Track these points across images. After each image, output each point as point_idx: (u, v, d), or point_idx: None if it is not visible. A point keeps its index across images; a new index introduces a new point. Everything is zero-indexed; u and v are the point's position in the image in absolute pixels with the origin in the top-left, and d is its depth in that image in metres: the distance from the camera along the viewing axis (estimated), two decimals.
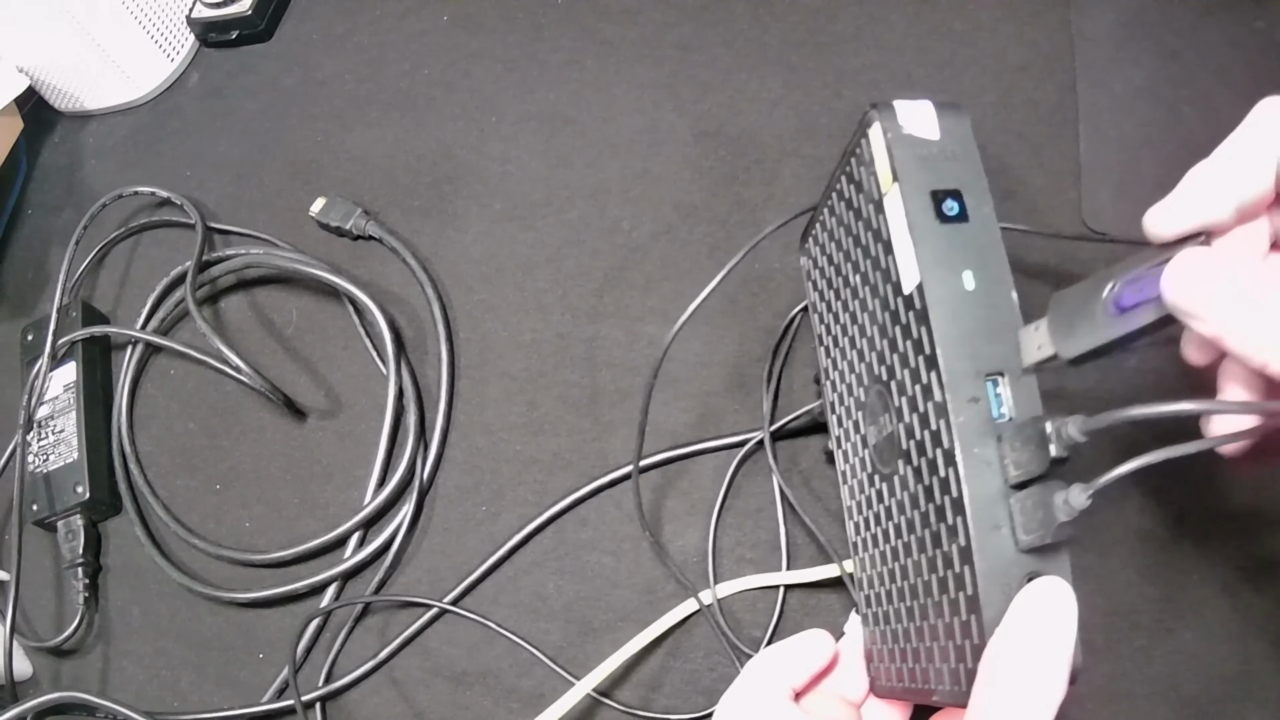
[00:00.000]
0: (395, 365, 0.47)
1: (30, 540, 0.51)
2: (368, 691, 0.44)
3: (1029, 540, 0.23)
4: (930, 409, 0.25)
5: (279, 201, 0.56)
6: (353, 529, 0.46)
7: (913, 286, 0.26)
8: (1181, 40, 0.43)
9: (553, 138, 0.52)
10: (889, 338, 0.28)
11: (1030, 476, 0.23)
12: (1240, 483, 0.35)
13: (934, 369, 0.25)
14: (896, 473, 0.28)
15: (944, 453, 0.25)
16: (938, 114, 0.27)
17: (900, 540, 0.28)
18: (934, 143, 0.27)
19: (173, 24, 0.64)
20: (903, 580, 0.28)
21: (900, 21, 0.48)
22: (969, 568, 0.24)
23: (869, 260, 0.29)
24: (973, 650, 0.24)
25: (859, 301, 0.30)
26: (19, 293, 0.62)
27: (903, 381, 0.27)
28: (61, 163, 0.66)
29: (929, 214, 0.26)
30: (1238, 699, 0.33)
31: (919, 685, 0.28)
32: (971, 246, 0.26)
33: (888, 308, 0.27)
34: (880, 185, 0.27)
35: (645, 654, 0.40)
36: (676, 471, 0.43)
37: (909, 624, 0.28)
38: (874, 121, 0.27)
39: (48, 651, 0.50)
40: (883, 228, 0.27)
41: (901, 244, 0.26)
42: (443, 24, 0.58)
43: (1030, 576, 0.23)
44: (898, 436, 0.28)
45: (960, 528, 0.24)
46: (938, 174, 0.26)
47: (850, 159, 0.29)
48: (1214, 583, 0.34)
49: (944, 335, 0.24)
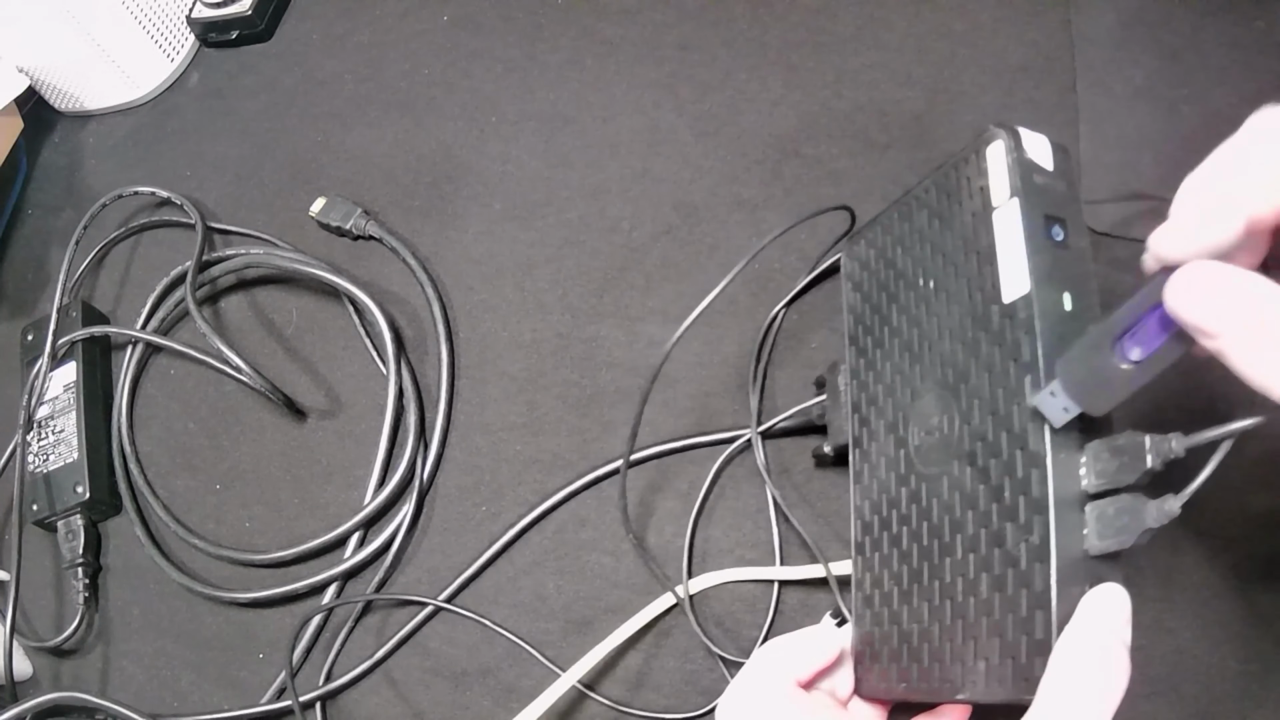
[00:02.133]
0: (395, 365, 0.47)
1: (30, 540, 0.51)
2: (367, 691, 0.44)
3: (1103, 546, 0.24)
4: (1016, 412, 0.26)
5: (279, 201, 0.56)
6: (353, 529, 0.46)
7: (1017, 296, 0.27)
8: (1181, 40, 0.43)
9: (553, 138, 0.52)
10: (966, 342, 0.29)
11: (1112, 487, 0.24)
12: (1240, 482, 0.35)
13: (1030, 374, 0.26)
14: (948, 473, 0.29)
15: (1026, 454, 0.26)
16: (1052, 149, 0.29)
17: (939, 539, 0.29)
18: (1049, 172, 0.28)
19: (173, 24, 0.64)
20: (932, 579, 0.29)
21: (900, 21, 0.48)
22: (1042, 565, 0.25)
23: (952, 266, 0.30)
24: (1031, 646, 0.25)
25: (926, 305, 0.31)
26: (19, 293, 0.62)
27: (979, 385, 0.28)
28: (61, 163, 0.66)
29: (1041, 232, 0.27)
30: (1238, 699, 0.33)
31: (934, 684, 0.28)
32: (1071, 271, 0.27)
33: (973, 313, 0.29)
34: (992, 198, 0.29)
35: (636, 651, 0.40)
36: (675, 471, 0.43)
37: (933, 623, 0.28)
38: (996, 139, 0.29)
39: (48, 651, 0.50)
40: (984, 237, 0.29)
41: (1011, 255, 0.27)
42: (443, 24, 0.58)
43: (1094, 581, 0.25)
44: (957, 437, 0.29)
45: (1037, 526, 0.25)
46: (1049, 200, 0.28)
47: (952, 170, 0.31)
48: (1214, 583, 0.34)
49: (1048, 345, 0.26)
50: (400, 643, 0.44)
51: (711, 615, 0.40)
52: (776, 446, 0.42)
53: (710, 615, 0.40)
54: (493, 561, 0.44)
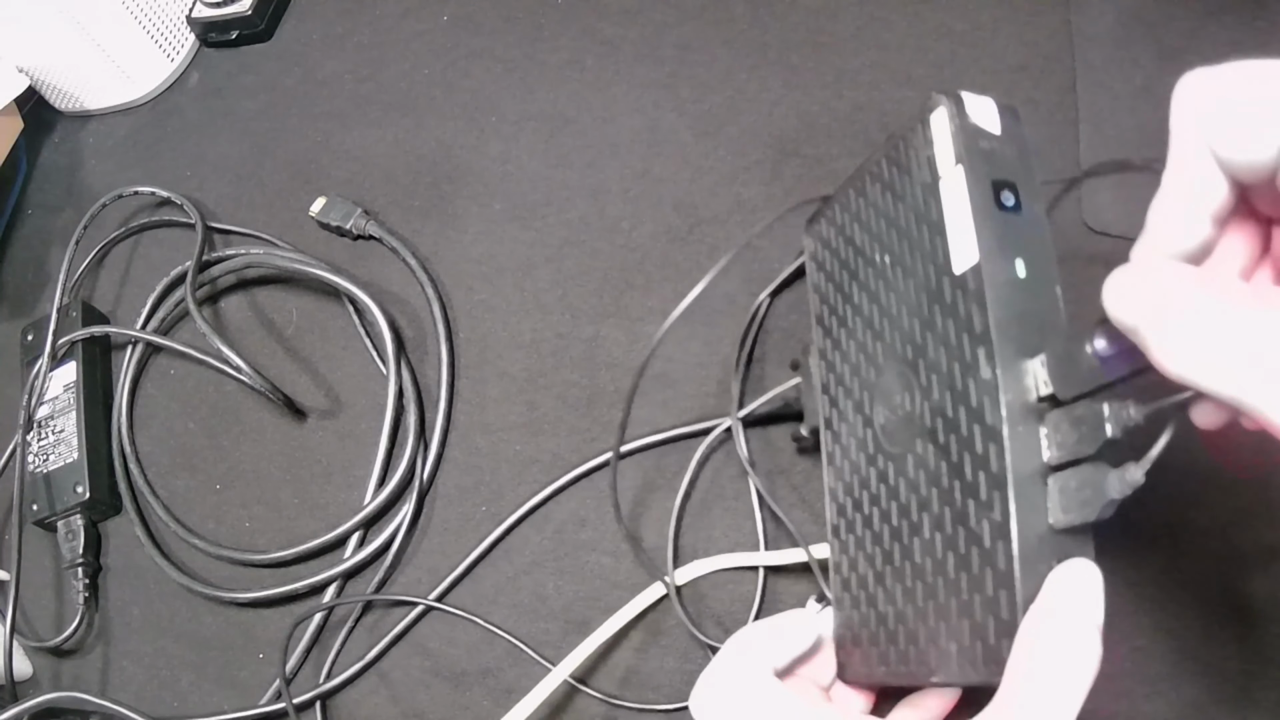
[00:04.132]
0: (395, 365, 0.47)
1: (30, 540, 0.51)
2: (366, 691, 0.44)
3: (1067, 519, 0.24)
4: (973, 385, 0.26)
5: (279, 201, 0.56)
6: (353, 529, 0.46)
7: (966, 267, 0.26)
8: (1181, 40, 0.43)
9: (553, 138, 0.52)
10: (923, 317, 0.28)
11: (1073, 458, 0.24)
12: (1240, 482, 0.35)
13: (984, 346, 0.25)
14: (911, 451, 0.28)
15: (984, 429, 0.25)
16: (999, 112, 0.28)
17: (907, 519, 0.28)
18: (995, 136, 0.27)
19: (173, 24, 0.64)
20: (903, 560, 0.28)
21: (900, 21, 0.48)
22: (1004, 543, 0.24)
23: (906, 240, 0.29)
24: (999, 626, 0.24)
25: (884, 281, 0.31)
26: (19, 293, 0.62)
27: (936, 360, 0.27)
28: (61, 163, 0.66)
29: (989, 200, 0.26)
30: (1238, 699, 0.33)
31: (910, 668, 0.27)
32: (1024, 238, 0.26)
33: (927, 287, 0.28)
34: (938, 168, 0.28)
35: (629, 645, 0.40)
36: (667, 464, 0.43)
37: (906, 605, 0.28)
38: (939, 106, 0.28)
39: (48, 651, 0.50)
40: (932, 209, 0.28)
41: (959, 225, 0.27)
42: (443, 24, 0.58)
43: (1061, 557, 0.24)
44: (919, 414, 0.28)
45: (997, 503, 0.24)
46: (998, 165, 0.27)
47: (899, 142, 0.30)
48: (1214, 583, 0.34)
49: (998, 315, 0.25)
50: (394, 641, 0.44)
51: (705, 607, 0.40)
52: (764, 434, 0.42)
53: (704, 607, 0.40)
54: (484, 557, 0.44)
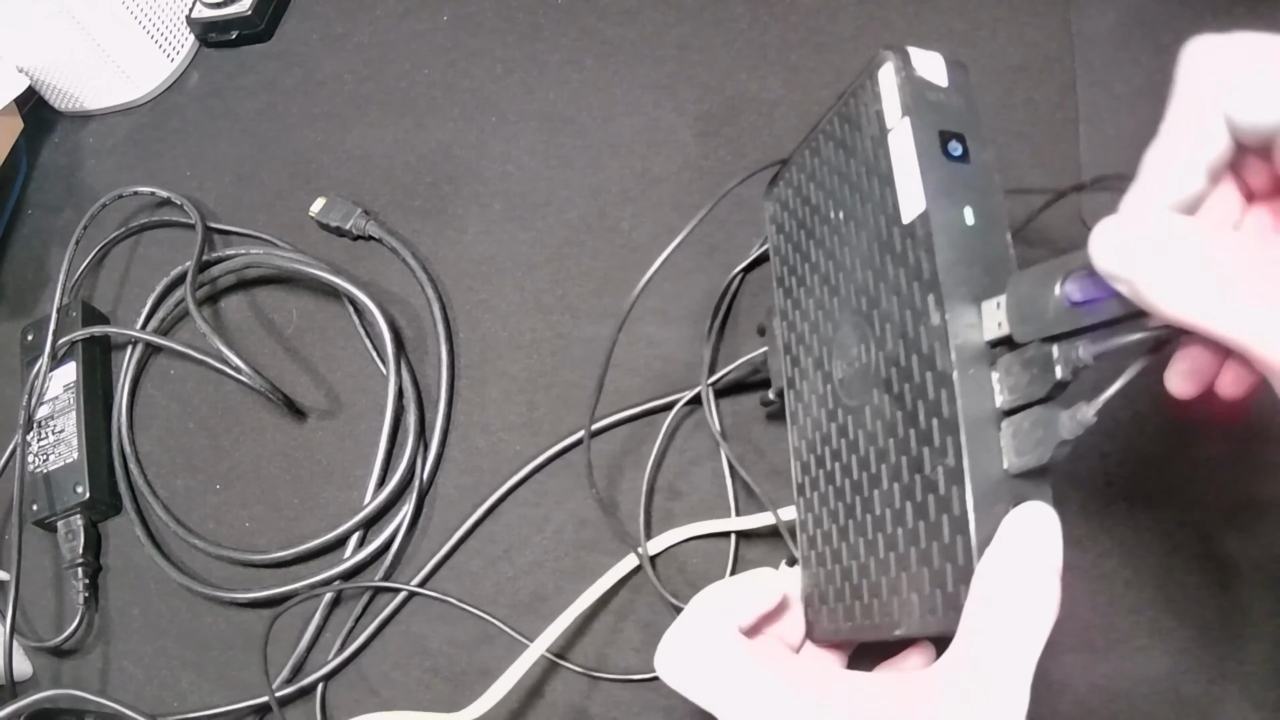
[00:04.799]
0: (395, 365, 0.47)
1: (30, 540, 0.51)
2: (355, 681, 0.44)
3: (1021, 463, 0.24)
4: (923, 332, 0.26)
5: (279, 201, 0.56)
6: (353, 529, 0.46)
7: (914, 215, 0.26)
8: (1181, 40, 0.43)
9: (553, 138, 0.52)
10: (875, 268, 0.29)
11: (1025, 402, 0.24)
12: (1239, 482, 0.35)
13: (933, 292, 0.25)
14: (869, 403, 0.29)
15: (936, 375, 0.25)
16: (946, 66, 0.28)
17: (867, 471, 0.29)
18: (943, 89, 0.28)
19: (173, 24, 0.64)
20: (864, 513, 0.28)
21: (900, 21, 0.48)
22: (958, 488, 0.24)
23: (858, 194, 0.30)
24: (956, 573, 0.24)
25: (839, 236, 0.31)
26: (19, 293, 0.62)
27: (889, 310, 0.28)
28: (61, 163, 0.66)
29: (936, 149, 0.27)
30: (1238, 699, 0.33)
31: (876, 621, 0.28)
32: (972, 186, 0.27)
33: (879, 238, 0.28)
34: (886, 120, 0.28)
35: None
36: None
37: (869, 558, 0.28)
38: (886, 61, 0.28)
39: (48, 651, 0.50)
40: (882, 161, 0.28)
41: (906, 175, 0.27)
42: (443, 24, 0.58)
43: (1017, 501, 0.24)
44: (874, 365, 0.28)
45: (950, 448, 0.24)
46: (945, 116, 0.27)
47: (850, 98, 0.30)
48: (1213, 583, 0.34)
49: (945, 261, 0.25)
50: (379, 629, 0.44)
51: (681, 576, 0.40)
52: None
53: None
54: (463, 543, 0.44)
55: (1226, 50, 0.22)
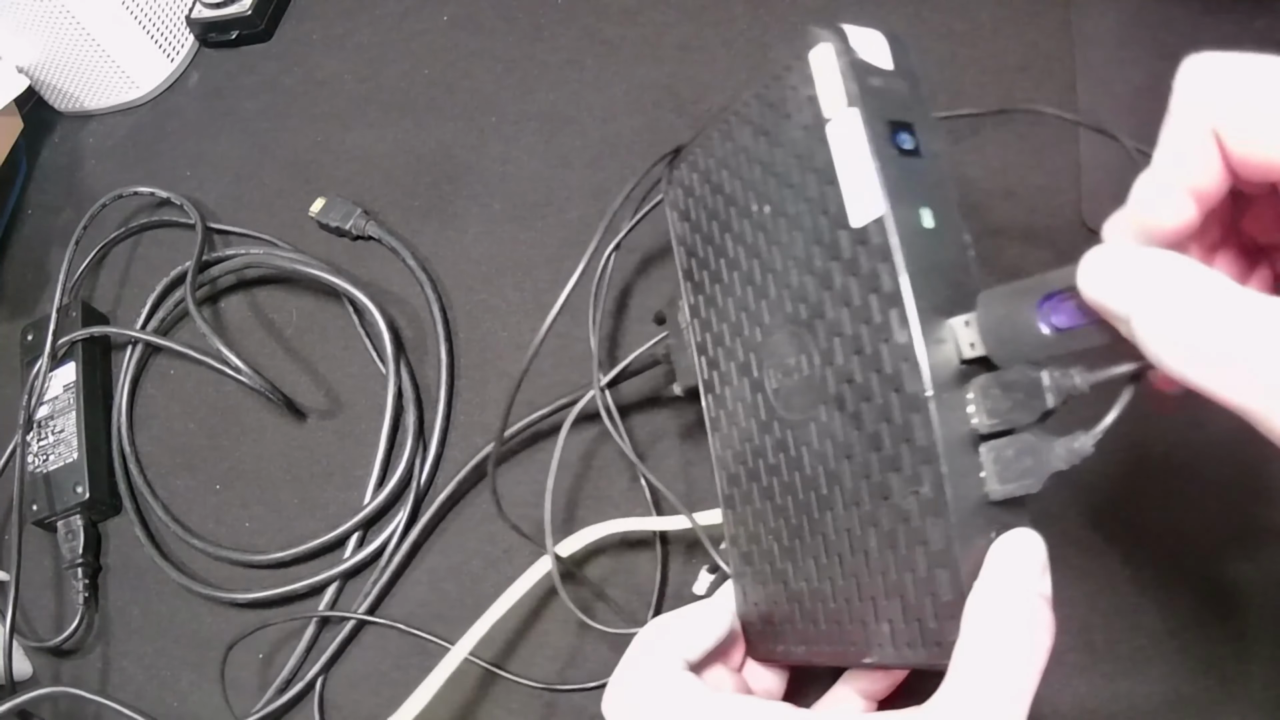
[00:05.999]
0: (395, 365, 0.47)
1: (30, 540, 0.51)
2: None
3: (1005, 491, 0.22)
4: (885, 351, 0.23)
5: (279, 201, 0.56)
6: (352, 529, 0.46)
7: (867, 220, 0.24)
8: (1181, 40, 0.42)
9: (553, 138, 0.52)
10: (816, 274, 0.26)
11: (1007, 427, 0.22)
12: (1240, 482, 0.35)
13: (895, 307, 0.23)
14: (814, 419, 0.26)
15: (903, 397, 0.23)
16: (889, 45, 0.25)
17: (815, 492, 0.26)
18: (887, 72, 0.25)
19: (173, 24, 0.64)
20: (814, 535, 0.26)
21: (900, 22, 0.48)
22: (937, 520, 0.22)
23: (787, 189, 0.27)
24: (939, 607, 0.23)
25: (764, 233, 0.28)
26: (19, 293, 0.62)
27: (837, 321, 0.25)
28: (61, 163, 0.66)
29: (886, 144, 0.24)
30: (1238, 699, 0.33)
31: (837, 648, 0.26)
32: (926, 183, 0.24)
33: (819, 241, 0.25)
34: (823, 109, 0.25)
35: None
36: None
37: (823, 582, 0.26)
38: (820, 41, 0.25)
39: (48, 651, 0.50)
40: (819, 155, 0.25)
41: (854, 174, 0.24)
42: (443, 24, 0.58)
43: (999, 529, 0.23)
44: (819, 379, 0.26)
45: (927, 477, 0.23)
46: (891, 104, 0.24)
47: (773, 80, 0.27)
48: (1214, 583, 0.34)
49: (912, 272, 0.23)
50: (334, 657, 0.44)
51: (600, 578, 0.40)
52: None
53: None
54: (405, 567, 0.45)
55: (1229, 71, 0.20)
